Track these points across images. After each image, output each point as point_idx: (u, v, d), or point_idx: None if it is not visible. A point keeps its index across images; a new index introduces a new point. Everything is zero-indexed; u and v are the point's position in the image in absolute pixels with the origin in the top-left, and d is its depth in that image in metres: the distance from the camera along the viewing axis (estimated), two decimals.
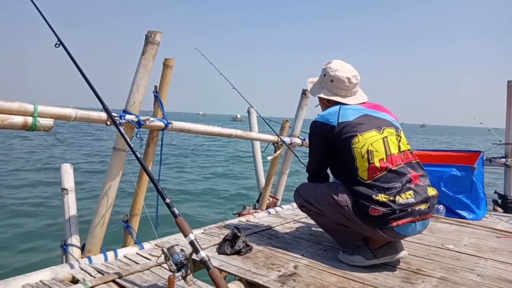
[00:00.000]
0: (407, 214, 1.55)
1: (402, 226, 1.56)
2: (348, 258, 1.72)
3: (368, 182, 1.60)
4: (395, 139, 1.70)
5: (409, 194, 1.58)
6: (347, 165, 1.67)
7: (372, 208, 1.55)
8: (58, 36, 1.66)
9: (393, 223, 1.55)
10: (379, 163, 1.60)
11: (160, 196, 1.43)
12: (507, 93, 3.46)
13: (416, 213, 1.57)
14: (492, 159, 3.51)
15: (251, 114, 3.63)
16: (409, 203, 1.56)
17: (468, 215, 2.86)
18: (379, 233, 1.59)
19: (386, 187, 1.57)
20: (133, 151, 1.53)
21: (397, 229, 1.56)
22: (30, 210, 5.73)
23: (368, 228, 1.62)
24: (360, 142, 1.63)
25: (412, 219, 1.57)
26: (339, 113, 1.73)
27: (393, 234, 1.59)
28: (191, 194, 7.61)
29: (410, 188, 1.59)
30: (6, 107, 1.40)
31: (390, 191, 1.56)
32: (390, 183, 1.58)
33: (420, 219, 1.60)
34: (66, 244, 1.75)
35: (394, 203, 1.54)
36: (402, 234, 1.60)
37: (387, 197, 1.55)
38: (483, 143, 25.62)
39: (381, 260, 1.65)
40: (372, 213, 1.56)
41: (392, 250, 1.65)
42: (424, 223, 1.64)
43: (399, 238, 1.65)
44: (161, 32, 1.81)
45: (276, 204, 3.22)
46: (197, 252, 1.30)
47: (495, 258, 1.89)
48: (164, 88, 2.04)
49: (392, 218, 1.54)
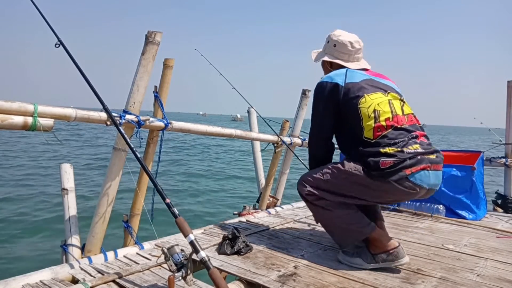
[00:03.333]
0: (417, 161, 1.55)
1: (416, 174, 1.55)
2: (347, 259, 1.71)
3: (374, 141, 1.61)
4: (399, 104, 1.72)
5: (416, 146, 1.59)
6: (352, 127, 1.67)
7: (382, 161, 1.55)
8: (58, 36, 1.66)
9: (406, 171, 1.54)
10: (385, 122, 1.62)
11: (160, 196, 1.43)
12: (507, 93, 3.46)
13: (426, 160, 1.57)
14: (492, 159, 3.51)
15: (251, 114, 3.64)
16: (418, 152, 1.57)
17: (468, 215, 2.86)
18: (397, 187, 1.56)
19: (393, 142, 1.58)
20: (133, 151, 1.53)
21: (411, 178, 1.55)
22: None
23: (384, 185, 1.58)
24: (367, 102, 1.65)
25: (424, 166, 1.56)
26: (346, 75, 1.74)
27: (410, 185, 1.56)
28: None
29: (416, 142, 1.61)
30: (6, 107, 1.40)
31: (397, 144, 1.58)
32: (396, 138, 1.59)
33: (433, 168, 1.59)
34: (66, 244, 1.75)
35: (403, 153, 1.55)
36: (418, 184, 1.57)
37: (394, 149, 1.56)
38: (481, 143, 25.65)
39: (381, 265, 1.63)
40: (383, 166, 1.54)
41: (393, 257, 1.62)
42: (437, 174, 1.63)
43: (417, 191, 1.60)
44: (161, 32, 1.81)
45: (276, 204, 3.22)
46: (197, 252, 1.30)
47: (495, 258, 1.88)
48: (164, 88, 2.04)
49: (404, 167, 1.53)
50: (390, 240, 1.66)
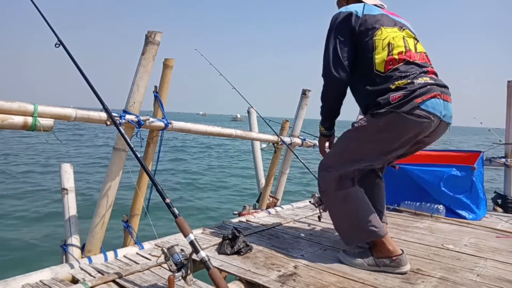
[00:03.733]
0: (427, 90, 1.55)
1: (427, 101, 1.54)
2: (348, 259, 1.70)
3: (384, 74, 1.60)
4: (413, 42, 1.71)
5: (426, 79, 1.58)
6: (365, 60, 1.65)
7: (392, 96, 1.55)
8: (58, 36, 1.66)
9: (417, 100, 1.53)
10: (397, 56, 1.61)
11: (160, 196, 1.43)
12: (507, 93, 3.46)
13: (437, 89, 1.57)
14: (492, 159, 3.51)
15: (251, 114, 3.64)
16: (428, 83, 1.57)
17: (468, 215, 2.86)
18: (409, 119, 1.53)
19: (404, 75, 1.58)
20: (133, 151, 1.53)
21: (423, 106, 1.53)
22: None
23: (396, 122, 1.55)
24: (382, 34, 1.64)
25: (435, 94, 1.56)
26: (364, 7, 1.73)
27: (423, 113, 1.53)
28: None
29: (427, 76, 1.60)
30: (6, 107, 1.40)
31: (407, 77, 1.57)
32: (407, 72, 1.59)
33: (443, 98, 1.59)
34: (66, 244, 1.75)
35: (413, 84, 1.55)
36: (431, 111, 1.55)
37: (404, 81, 1.56)
38: (480, 142, 25.62)
39: (381, 269, 1.62)
40: (393, 100, 1.54)
41: (396, 264, 1.61)
42: (448, 105, 1.62)
43: (431, 120, 1.56)
44: (161, 32, 1.81)
45: (276, 204, 3.22)
46: (197, 252, 1.30)
47: (495, 258, 1.88)
48: (164, 88, 2.04)
49: (414, 97, 1.53)
50: (395, 246, 1.65)
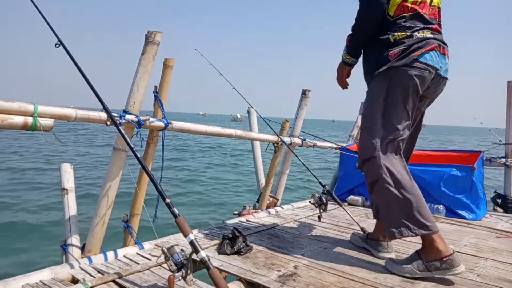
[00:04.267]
0: (425, 43, 1.58)
1: (426, 54, 1.57)
2: (396, 267, 1.61)
3: (393, 19, 1.62)
4: None
5: (427, 32, 1.61)
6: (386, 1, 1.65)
7: (390, 53, 1.58)
8: (58, 36, 1.66)
9: (415, 53, 1.56)
10: (411, 4, 1.61)
11: (160, 196, 1.43)
12: (507, 93, 3.47)
13: (434, 42, 1.60)
14: (492, 159, 3.52)
15: (251, 114, 3.64)
16: (426, 37, 1.59)
17: (468, 215, 2.87)
18: (409, 73, 1.57)
19: (407, 26, 1.59)
20: (133, 151, 1.53)
21: (421, 58, 1.57)
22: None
23: (399, 78, 1.59)
24: None
25: (433, 47, 1.59)
26: None
27: (421, 65, 1.57)
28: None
29: (429, 31, 1.62)
30: (6, 107, 1.40)
31: (410, 29, 1.59)
32: (410, 24, 1.60)
33: (440, 51, 1.62)
34: (66, 244, 1.75)
35: (411, 38, 1.57)
36: (429, 63, 1.59)
37: (403, 34, 1.58)
38: (477, 143, 25.60)
39: (433, 274, 1.53)
40: (392, 57, 1.58)
41: (448, 265, 1.51)
42: (445, 59, 1.65)
43: (430, 72, 1.60)
44: (161, 32, 1.81)
45: (276, 204, 3.23)
46: (197, 252, 1.30)
47: (495, 258, 1.89)
48: (164, 88, 2.04)
49: (412, 50, 1.56)
50: (445, 245, 1.55)
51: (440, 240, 1.55)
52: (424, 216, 1.56)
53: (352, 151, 3.60)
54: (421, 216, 1.56)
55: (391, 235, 1.63)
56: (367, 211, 3.09)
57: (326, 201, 2.58)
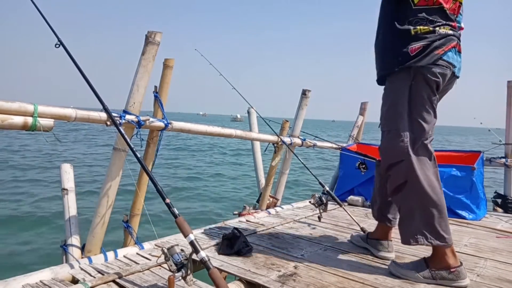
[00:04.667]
0: (447, 40, 1.53)
1: (448, 52, 1.53)
2: (400, 271, 1.59)
3: (415, 7, 1.55)
4: None
5: (448, 28, 1.55)
6: None
7: (411, 48, 1.51)
8: (58, 36, 1.66)
9: (438, 51, 1.51)
10: None
11: (160, 196, 1.43)
12: (507, 93, 3.47)
13: (455, 39, 1.55)
14: (492, 159, 3.51)
15: (251, 114, 3.64)
16: (448, 34, 1.54)
17: (468, 215, 2.86)
18: (435, 69, 1.51)
19: (430, 20, 1.53)
20: (133, 151, 1.53)
21: (445, 57, 1.52)
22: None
23: (421, 74, 1.52)
24: None
25: (454, 44, 1.55)
26: None
27: (445, 63, 1.53)
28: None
29: (449, 27, 1.57)
30: (6, 107, 1.40)
31: (432, 24, 1.53)
32: (434, 19, 1.54)
33: (458, 49, 1.58)
34: (66, 244, 1.75)
35: (434, 33, 1.52)
36: (450, 61, 1.54)
37: (426, 28, 1.52)
38: (476, 142, 25.60)
39: (438, 282, 1.51)
40: (412, 52, 1.51)
41: (454, 277, 1.49)
42: (460, 58, 1.61)
43: (450, 70, 1.56)
44: (161, 32, 1.81)
45: (276, 204, 3.22)
46: (197, 252, 1.30)
47: (495, 258, 1.89)
48: (164, 88, 2.04)
49: (435, 47, 1.51)
50: (455, 257, 1.53)
51: (451, 253, 1.53)
52: (443, 227, 1.54)
53: (352, 151, 3.60)
54: (440, 227, 1.53)
55: (406, 241, 1.60)
56: (367, 211, 3.09)
57: (326, 201, 2.58)
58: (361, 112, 4.43)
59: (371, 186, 3.39)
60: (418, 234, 1.54)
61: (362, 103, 4.48)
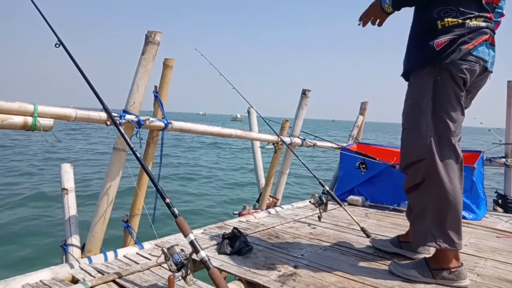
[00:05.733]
0: (478, 34, 1.41)
1: (479, 46, 1.42)
2: (401, 270, 1.58)
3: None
4: None
5: (481, 20, 1.43)
6: None
7: (436, 42, 1.41)
8: (58, 36, 1.66)
9: (468, 46, 1.40)
10: None
11: (160, 196, 1.43)
12: (507, 93, 3.47)
13: (488, 32, 1.43)
14: (492, 159, 3.51)
15: (251, 114, 3.63)
16: (480, 26, 1.42)
17: (468, 215, 2.86)
18: (463, 65, 1.42)
19: (461, 11, 1.41)
20: (133, 151, 1.53)
21: (475, 52, 1.41)
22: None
23: (448, 70, 1.43)
24: None
25: (486, 38, 1.43)
26: None
27: (474, 59, 1.43)
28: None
29: (482, 18, 1.44)
30: (6, 107, 1.40)
31: (462, 16, 1.41)
32: (465, 9, 1.42)
33: (490, 41, 1.46)
34: (66, 244, 1.75)
35: (463, 27, 1.40)
36: (480, 56, 1.44)
37: (454, 21, 1.41)
38: (473, 142, 25.59)
39: (438, 282, 1.50)
40: (438, 46, 1.41)
41: (454, 277, 1.48)
42: (493, 51, 1.49)
43: (480, 65, 1.45)
44: (161, 32, 1.81)
45: (276, 204, 3.22)
46: (197, 252, 1.30)
47: (495, 258, 1.88)
48: (164, 88, 2.04)
49: (463, 42, 1.40)
50: (455, 256, 1.51)
51: (453, 253, 1.51)
52: (455, 231, 1.49)
53: (352, 151, 3.60)
54: (452, 231, 1.48)
55: (415, 240, 1.59)
56: (367, 211, 3.09)
57: (326, 201, 2.59)
58: (361, 112, 4.43)
59: (371, 186, 3.41)
60: (428, 235, 1.51)
61: (362, 103, 4.48)
